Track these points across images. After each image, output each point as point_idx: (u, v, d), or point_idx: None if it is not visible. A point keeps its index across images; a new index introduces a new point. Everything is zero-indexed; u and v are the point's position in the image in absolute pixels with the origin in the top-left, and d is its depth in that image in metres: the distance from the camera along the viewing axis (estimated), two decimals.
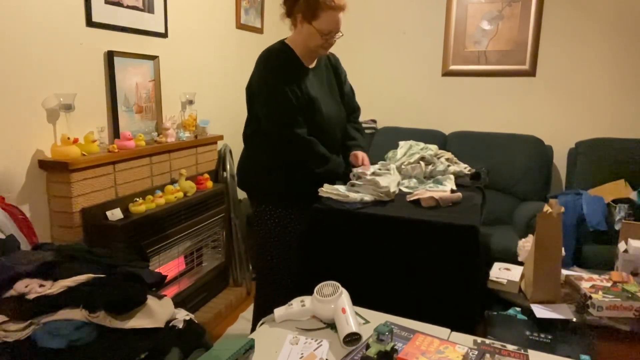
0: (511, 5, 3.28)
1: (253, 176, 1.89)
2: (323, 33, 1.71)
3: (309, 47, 1.77)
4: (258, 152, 1.86)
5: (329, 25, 1.70)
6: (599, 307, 1.41)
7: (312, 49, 1.77)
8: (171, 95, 2.61)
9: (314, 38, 1.73)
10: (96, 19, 2.08)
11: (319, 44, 1.74)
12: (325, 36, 1.72)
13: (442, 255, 1.53)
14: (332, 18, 1.69)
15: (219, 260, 2.87)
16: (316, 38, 1.72)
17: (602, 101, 3.18)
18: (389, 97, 3.75)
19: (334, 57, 2.01)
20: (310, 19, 1.70)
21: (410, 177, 2.03)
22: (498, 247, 2.60)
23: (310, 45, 1.76)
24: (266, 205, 1.85)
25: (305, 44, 1.77)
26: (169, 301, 1.40)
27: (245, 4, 3.21)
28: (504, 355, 1.00)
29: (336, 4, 1.69)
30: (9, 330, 1.16)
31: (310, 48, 1.77)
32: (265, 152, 1.83)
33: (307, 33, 1.73)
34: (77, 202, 1.92)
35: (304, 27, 1.73)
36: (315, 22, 1.69)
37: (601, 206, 2.58)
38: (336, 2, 1.68)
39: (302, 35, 1.76)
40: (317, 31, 1.70)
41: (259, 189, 1.88)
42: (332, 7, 1.68)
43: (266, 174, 1.84)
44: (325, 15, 1.68)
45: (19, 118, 1.81)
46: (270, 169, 1.83)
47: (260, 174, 1.86)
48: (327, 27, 1.70)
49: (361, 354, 0.97)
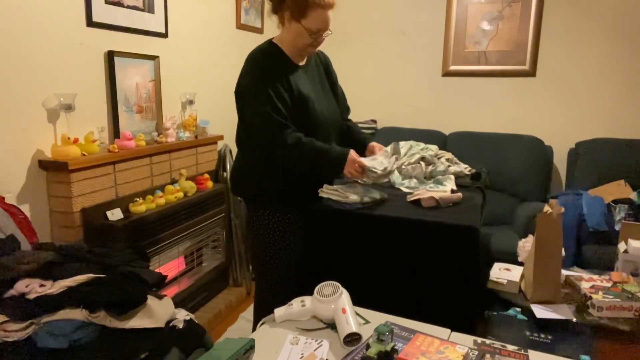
0: (511, 6, 3.28)
1: (250, 181, 1.84)
2: (312, 32, 1.67)
3: (298, 46, 1.73)
4: (255, 156, 1.81)
5: (318, 24, 1.66)
6: (599, 307, 1.41)
7: (301, 48, 1.74)
8: (171, 95, 2.61)
9: (302, 37, 1.69)
10: (96, 19, 2.08)
11: (307, 42, 1.70)
12: (314, 35, 1.68)
13: (442, 255, 1.53)
14: (321, 17, 1.65)
15: (219, 260, 2.87)
16: (305, 37, 1.69)
17: (602, 101, 3.18)
18: (389, 97, 3.75)
19: (323, 54, 1.97)
20: (298, 17, 1.65)
21: (410, 177, 2.03)
22: (498, 247, 2.60)
23: (298, 44, 1.72)
24: (264, 210, 1.82)
25: (293, 43, 1.73)
26: (169, 301, 1.40)
27: (245, 4, 3.21)
28: (504, 356, 1.00)
29: (325, 2, 1.64)
30: (9, 330, 1.16)
31: (298, 47, 1.73)
32: (261, 156, 1.78)
33: (296, 32, 1.69)
34: (77, 202, 1.92)
35: (292, 25, 1.69)
36: (304, 20, 1.65)
37: (601, 206, 2.58)
38: (325, 0, 1.64)
39: (290, 34, 1.72)
40: (306, 30, 1.66)
41: (256, 193, 1.85)
42: (322, 6, 1.64)
43: (263, 178, 1.80)
44: (314, 14, 1.64)
45: (19, 118, 1.81)
46: (267, 172, 1.79)
47: (257, 178, 1.81)
48: (316, 26, 1.66)
49: (361, 354, 0.97)
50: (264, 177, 1.80)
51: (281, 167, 1.77)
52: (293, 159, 1.69)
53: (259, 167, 1.81)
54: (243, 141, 1.86)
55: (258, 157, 1.80)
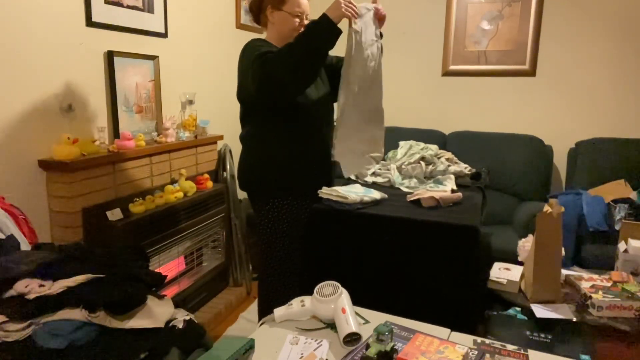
0: (511, 5, 3.28)
1: (257, 172, 1.86)
2: (295, 14, 1.79)
3: (284, 33, 1.81)
4: (263, 147, 1.84)
5: (299, 7, 1.79)
6: (599, 307, 1.41)
7: (288, 35, 1.80)
8: (171, 95, 2.61)
9: (288, 22, 1.80)
10: (96, 19, 2.08)
11: (293, 27, 1.80)
12: (297, 18, 1.79)
13: (442, 255, 1.53)
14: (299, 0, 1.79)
15: (219, 260, 2.87)
16: (290, 21, 1.80)
17: (602, 101, 3.18)
18: (389, 97, 3.72)
19: None
20: (279, 6, 1.78)
21: (410, 177, 2.03)
22: (498, 247, 2.60)
23: (285, 31, 1.81)
24: (274, 199, 1.84)
25: (280, 33, 1.82)
26: (169, 301, 1.40)
27: (245, 4, 3.21)
28: (504, 355, 1.00)
29: None
30: (9, 330, 1.16)
31: (285, 35, 1.81)
32: (270, 145, 1.82)
33: (280, 20, 1.81)
34: (77, 202, 1.92)
35: (275, 16, 1.81)
36: (285, 6, 1.78)
37: (601, 206, 2.58)
38: None
39: (276, 26, 1.83)
40: (289, 14, 1.79)
41: (265, 184, 1.86)
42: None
43: (271, 166, 1.83)
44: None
45: (19, 118, 1.81)
46: (275, 160, 1.82)
47: (264, 168, 1.84)
48: (298, 9, 1.79)
49: (361, 354, 0.97)
50: (272, 165, 1.83)
51: (289, 154, 1.80)
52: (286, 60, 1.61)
53: (265, 156, 1.84)
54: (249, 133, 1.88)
55: (267, 148, 1.83)
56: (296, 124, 1.81)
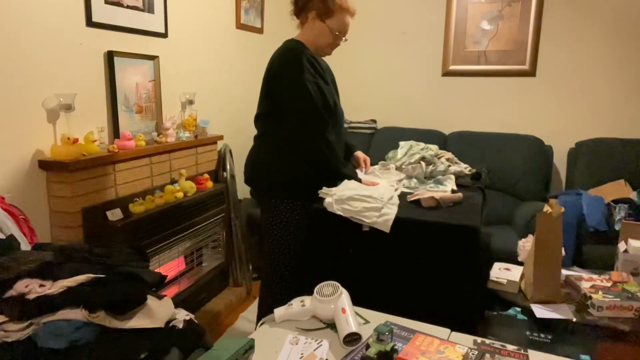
0: (511, 5, 3.28)
1: (275, 172, 1.86)
2: (334, 32, 1.81)
3: (318, 45, 1.85)
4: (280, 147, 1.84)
5: (340, 26, 1.82)
6: (599, 307, 1.41)
7: (320, 47, 1.86)
8: (171, 95, 2.61)
9: (325, 36, 1.82)
10: (96, 19, 2.08)
11: (329, 42, 1.84)
12: (334, 36, 1.82)
13: (442, 255, 1.53)
14: (344, 20, 1.82)
15: (219, 260, 2.87)
16: (327, 36, 1.82)
17: (602, 101, 3.18)
18: (389, 97, 3.75)
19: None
20: (324, 17, 1.80)
21: (410, 177, 2.03)
22: (498, 247, 2.60)
23: (320, 43, 1.84)
24: (290, 200, 1.85)
25: (315, 42, 1.85)
26: (169, 301, 1.39)
27: (245, 4, 3.21)
28: (504, 355, 1.00)
29: (350, 8, 1.82)
30: (9, 330, 1.16)
31: (318, 46, 1.85)
32: (285, 146, 1.83)
33: (319, 30, 1.82)
34: (77, 202, 1.92)
35: (316, 24, 1.82)
36: (329, 20, 1.80)
37: (601, 206, 2.58)
38: (350, 6, 1.82)
39: (313, 33, 1.84)
40: (330, 30, 1.81)
41: (278, 183, 1.86)
42: (347, 10, 1.81)
43: (290, 167, 1.83)
44: (339, 16, 1.80)
45: (19, 118, 1.81)
46: (294, 162, 1.82)
47: (284, 168, 1.84)
48: (339, 28, 1.82)
49: (361, 354, 0.97)
50: (291, 166, 1.84)
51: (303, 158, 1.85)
52: (321, 154, 1.79)
53: (286, 157, 1.85)
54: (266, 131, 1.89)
55: (283, 148, 1.84)
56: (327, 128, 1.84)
